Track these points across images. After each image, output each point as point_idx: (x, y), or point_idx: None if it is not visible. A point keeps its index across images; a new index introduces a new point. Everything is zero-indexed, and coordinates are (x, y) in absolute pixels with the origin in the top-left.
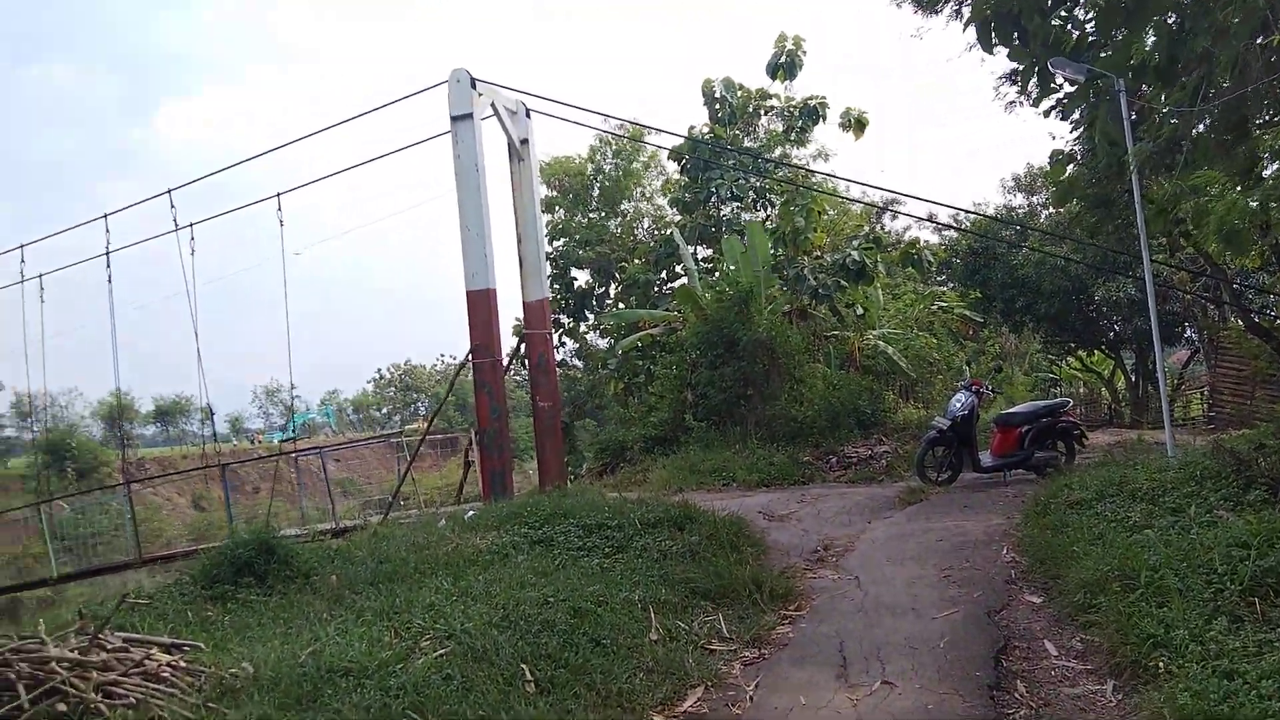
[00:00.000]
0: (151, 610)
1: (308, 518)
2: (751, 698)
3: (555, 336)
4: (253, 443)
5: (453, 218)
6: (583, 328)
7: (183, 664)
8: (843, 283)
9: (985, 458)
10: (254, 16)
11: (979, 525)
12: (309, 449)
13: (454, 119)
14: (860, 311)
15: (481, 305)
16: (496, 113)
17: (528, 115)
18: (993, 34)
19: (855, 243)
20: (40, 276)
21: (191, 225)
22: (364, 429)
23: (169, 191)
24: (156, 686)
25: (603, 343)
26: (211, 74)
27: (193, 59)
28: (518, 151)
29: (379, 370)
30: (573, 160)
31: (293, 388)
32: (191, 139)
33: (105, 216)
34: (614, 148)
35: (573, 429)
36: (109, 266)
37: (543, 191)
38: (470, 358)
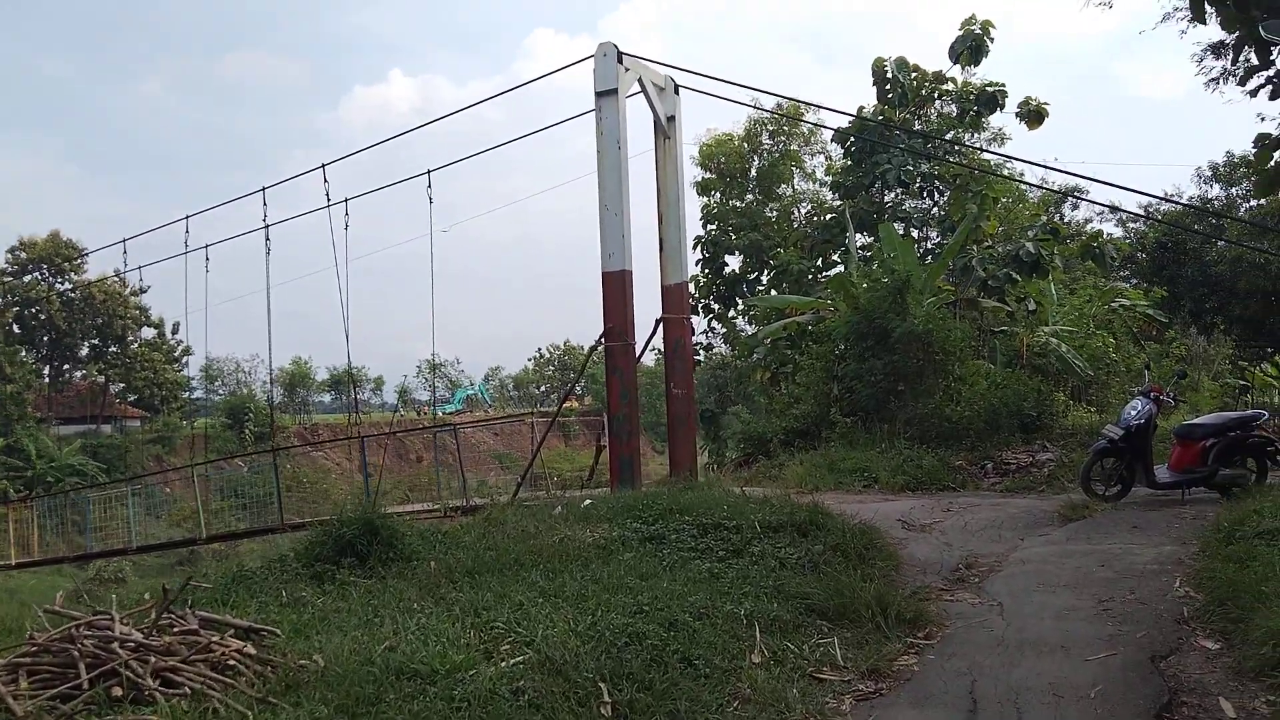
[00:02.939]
0: (247, 586)
1: (443, 493)
2: None
3: (704, 322)
4: (419, 414)
5: None
6: (732, 313)
7: (251, 651)
8: (1015, 275)
9: (1161, 473)
10: (438, 3)
11: (1148, 551)
12: (444, 425)
13: (598, 94)
14: (1033, 306)
15: (616, 287)
16: (643, 88)
17: (676, 92)
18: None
19: (1030, 233)
20: (206, 247)
21: (346, 200)
22: (523, 405)
23: (323, 166)
24: (218, 676)
25: (751, 329)
26: (398, 61)
27: (381, 46)
28: (664, 129)
29: (539, 349)
30: (732, 140)
31: (435, 366)
32: (375, 123)
33: (264, 190)
34: (770, 127)
35: (719, 417)
36: (268, 240)
37: (699, 174)
38: (603, 340)
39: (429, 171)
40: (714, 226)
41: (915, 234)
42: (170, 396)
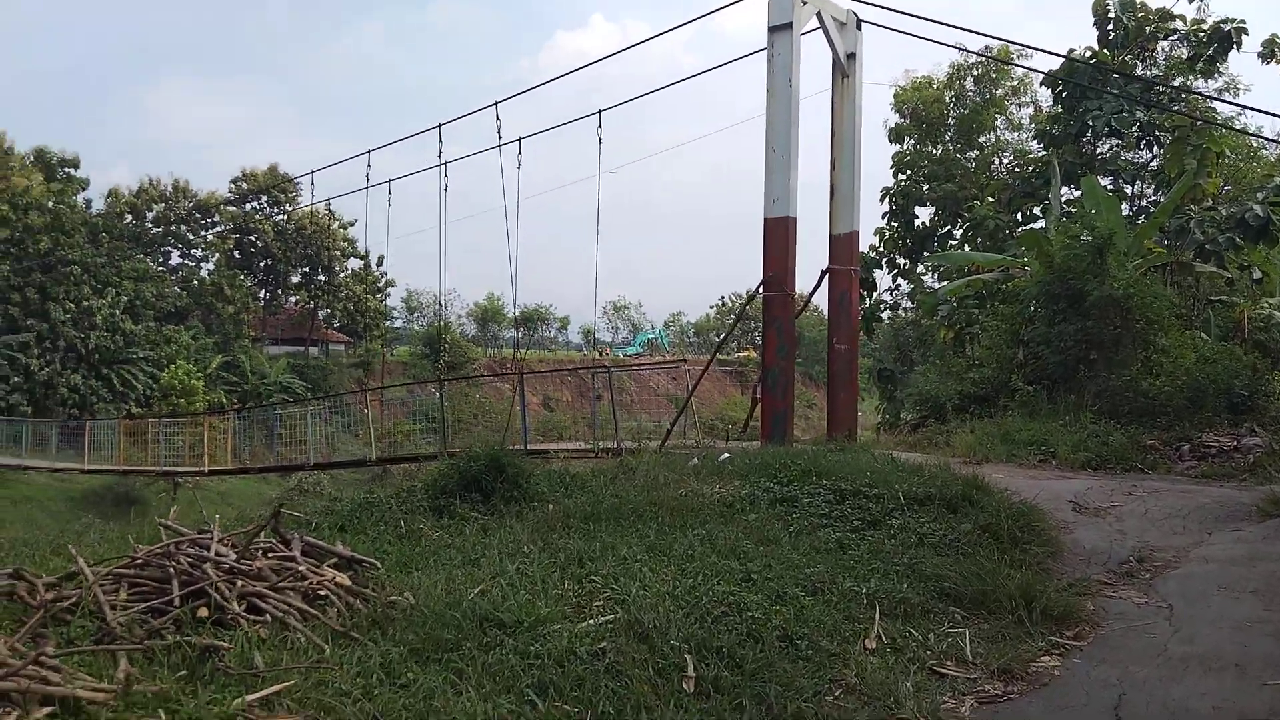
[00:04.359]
0: (371, 513)
1: (598, 432)
2: None
3: (889, 278)
4: (601, 355)
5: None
6: (920, 269)
7: (345, 582)
8: (1238, 240)
9: None
10: None
11: None
12: (599, 366)
13: (771, 29)
14: (1258, 275)
15: (779, 234)
16: (822, 23)
17: (858, 27)
18: None
19: (1260, 194)
20: (389, 182)
21: (520, 140)
22: (702, 352)
23: (495, 104)
24: (304, 606)
25: (938, 287)
26: (600, 5)
27: None
28: (842, 67)
29: (721, 297)
30: (931, 84)
31: (620, 308)
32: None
33: (439, 126)
34: (975, 72)
35: (897, 377)
36: (445, 175)
37: (893, 119)
38: (761, 290)
39: (599, 111)
40: (905, 176)
41: (1128, 189)
42: (372, 324)
